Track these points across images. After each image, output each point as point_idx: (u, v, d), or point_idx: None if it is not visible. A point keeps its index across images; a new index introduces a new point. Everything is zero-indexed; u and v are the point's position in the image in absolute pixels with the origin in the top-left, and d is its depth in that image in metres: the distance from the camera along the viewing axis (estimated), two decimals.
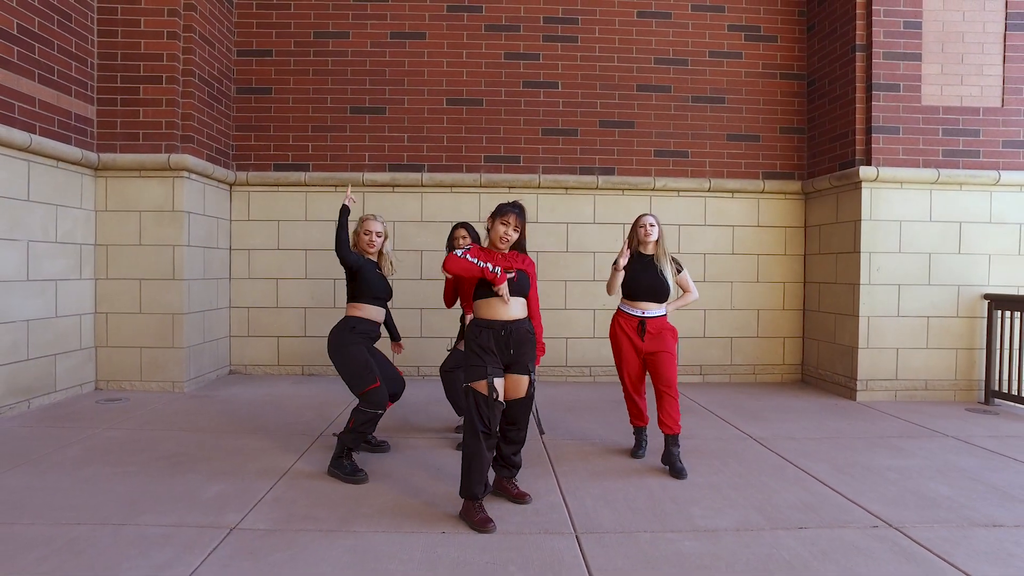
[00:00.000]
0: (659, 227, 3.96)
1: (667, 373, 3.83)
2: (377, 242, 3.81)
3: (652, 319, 3.90)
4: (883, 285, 5.80)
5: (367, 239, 3.78)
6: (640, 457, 3.98)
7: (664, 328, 3.93)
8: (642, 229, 3.94)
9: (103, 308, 5.56)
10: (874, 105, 5.76)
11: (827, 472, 3.73)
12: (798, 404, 5.66)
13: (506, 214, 3.09)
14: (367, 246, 3.78)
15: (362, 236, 3.79)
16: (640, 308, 3.92)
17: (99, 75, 5.46)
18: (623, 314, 3.97)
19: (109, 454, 3.80)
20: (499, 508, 3.09)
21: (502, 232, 3.08)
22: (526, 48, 6.65)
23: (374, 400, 3.52)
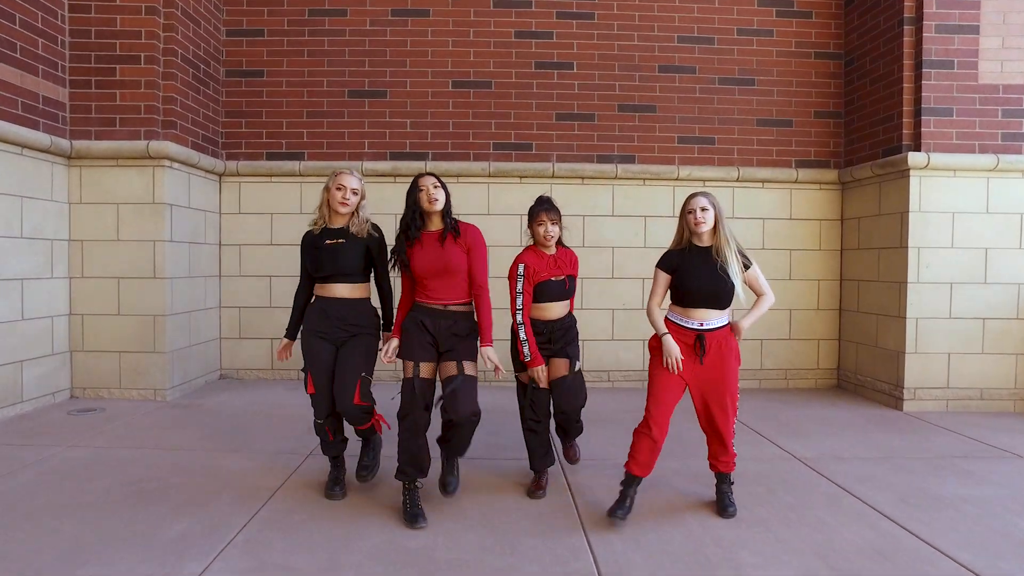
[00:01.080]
0: (715, 210, 2.98)
1: (727, 415, 3.00)
2: (351, 201, 3.10)
3: (712, 331, 2.98)
4: (933, 284, 5.25)
5: (339, 195, 3.07)
6: (620, 518, 2.88)
7: (727, 346, 3.00)
8: (691, 216, 2.96)
9: (79, 309, 5.10)
10: (924, 84, 5.19)
11: (891, 504, 3.20)
12: (839, 415, 5.13)
13: (537, 215, 3.34)
14: (338, 205, 3.08)
15: (333, 192, 3.09)
16: (696, 318, 2.98)
17: (71, 54, 4.98)
18: (673, 325, 3.02)
19: (67, 480, 3.34)
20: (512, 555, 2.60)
21: (542, 233, 3.30)
22: (538, 26, 6.11)
23: (314, 407, 3.13)
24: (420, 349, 2.96)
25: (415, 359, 2.94)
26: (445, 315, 3.00)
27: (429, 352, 2.97)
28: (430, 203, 2.96)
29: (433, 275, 2.96)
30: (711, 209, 2.97)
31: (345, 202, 3.09)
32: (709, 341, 2.98)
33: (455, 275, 2.97)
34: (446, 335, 2.98)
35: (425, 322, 2.99)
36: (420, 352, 2.96)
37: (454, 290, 3.00)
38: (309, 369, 3.09)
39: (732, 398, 3.02)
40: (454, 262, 2.95)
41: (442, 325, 2.98)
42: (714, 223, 2.98)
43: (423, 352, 2.96)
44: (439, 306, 3.00)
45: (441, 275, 2.96)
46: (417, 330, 2.98)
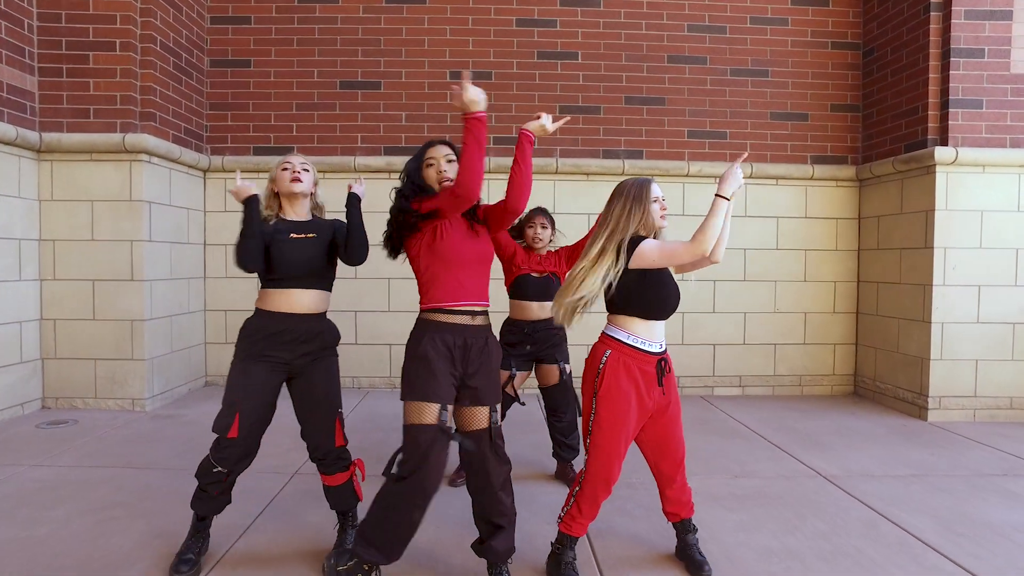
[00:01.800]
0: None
1: (682, 448, 2.50)
2: (306, 176, 2.52)
3: (665, 351, 2.42)
4: (960, 286, 4.95)
5: (288, 174, 2.49)
6: None
7: (670, 369, 2.44)
8: (657, 205, 2.34)
9: (50, 314, 4.77)
10: (952, 75, 4.89)
11: (934, 532, 2.90)
12: (860, 425, 4.82)
13: (531, 217, 3.41)
14: (291, 184, 2.48)
15: (279, 174, 2.50)
16: (659, 338, 2.36)
17: (40, 39, 4.64)
18: (633, 352, 2.31)
19: (24, 505, 3.01)
20: None
21: (531, 235, 3.39)
22: (541, 13, 5.79)
23: (219, 448, 2.38)
24: (446, 384, 2.20)
25: (441, 399, 2.17)
26: (474, 330, 2.27)
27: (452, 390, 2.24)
28: (440, 183, 2.31)
29: (461, 264, 2.26)
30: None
31: (297, 177, 2.48)
32: (665, 362, 2.39)
33: (483, 266, 2.33)
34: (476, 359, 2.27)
35: (448, 342, 2.23)
36: (446, 389, 2.20)
37: (482, 288, 2.33)
38: (238, 406, 2.35)
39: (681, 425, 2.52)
40: (483, 250, 2.34)
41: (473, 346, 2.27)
42: None
43: (448, 390, 2.21)
44: (466, 312, 2.27)
45: (471, 264, 2.28)
46: (438, 356, 2.20)
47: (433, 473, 2.11)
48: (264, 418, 2.44)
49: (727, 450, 4.14)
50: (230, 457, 2.39)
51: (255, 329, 2.44)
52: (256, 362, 2.40)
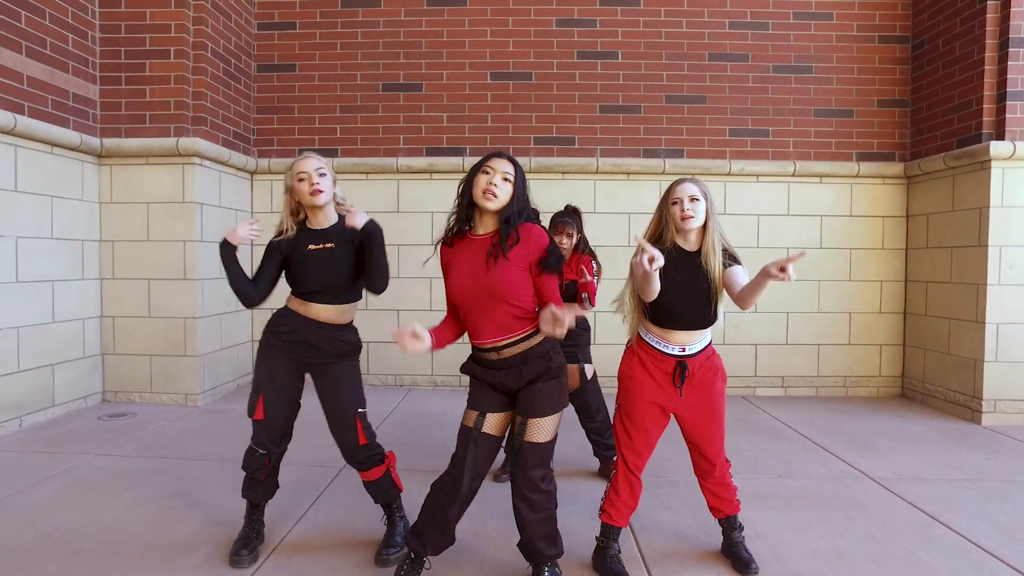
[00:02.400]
0: (707, 201, 2.34)
1: (716, 447, 2.49)
2: (324, 183, 2.41)
3: (694, 356, 2.41)
4: (1017, 285, 4.78)
5: (306, 185, 2.39)
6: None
7: (711, 368, 2.43)
8: (676, 207, 2.32)
9: (109, 311, 4.98)
10: (1010, 66, 4.72)
11: (994, 538, 2.82)
12: (909, 428, 4.71)
13: (555, 226, 3.36)
14: (312, 198, 2.39)
15: (299, 187, 2.40)
16: (677, 342, 2.38)
17: (101, 50, 4.86)
18: (649, 348, 2.41)
19: (89, 493, 3.17)
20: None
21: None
22: (581, 13, 5.80)
23: (254, 431, 2.52)
24: (490, 394, 2.26)
25: (482, 407, 2.25)
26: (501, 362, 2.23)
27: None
28: (485, 194, 2.15)
29: (471, 300, 2.21)
30: (702, 200, 2.33)
31: (318, 189, 2.39)
32: (692, 367, 2.39)
33: (499, 303, 2.18)
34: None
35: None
36: (490, 399, 2.25)
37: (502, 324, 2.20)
38: (262, 390, 2.48)
39: (722, 425, 2.51)
40: (499, 285, 2.16)
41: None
42: (704, 219, 2.35)
43: (493, 400, 2.26)
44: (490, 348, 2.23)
45: (481, 301, 2.19)
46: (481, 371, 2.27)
47: (468, 472, 2.19)
48: (288, 399, 2.53)
49: (771, 450, 4.09)
50: (263, 438, 2.50)
51: (276, 323, 2.53)
52: (276, 351, 2.50)
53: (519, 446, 2.19)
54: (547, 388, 2.19)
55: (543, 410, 2.17)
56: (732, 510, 2.58)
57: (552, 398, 2.20)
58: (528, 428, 2.17)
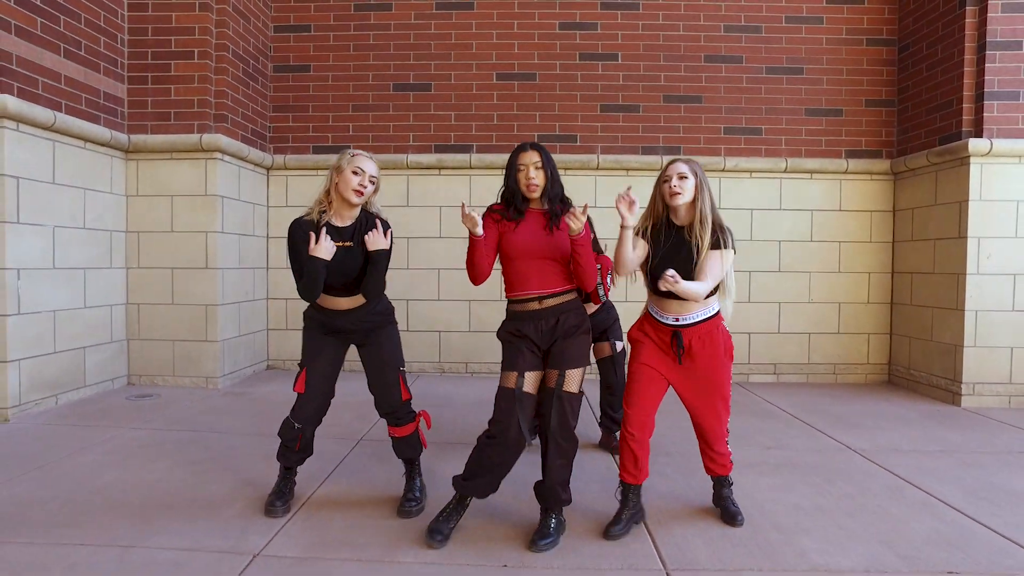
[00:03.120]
0: (697, 179, 2.53)
1: (717, 418, 2.69)
2: (368, 189, 2.63)
3: (690, 327, 2.60)
4: (994, 275, 5.05)
5: (357, 180, 2.59)
6: (616, 537, 2.56)
7: (711, 341, 2.60)
8: (666, 185, 2.54)
9: (134, 299, 5.26)
10: (988, 67, 5.00)
11: (958, 496, 3.09)
12: (893, 409, 4.97)
13: None
14: (353, 194, 2.60)
15: (349, 176, 2.58)
16: (671, 312, 2.60)
17: (129, 51, 5.14)
18: (649, 317, 2.70)
19: (130, 459, 3.44)
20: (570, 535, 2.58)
21: None
22: (583, 17, 6.08)
23: (296, 407, 2.75)
24: (527, 355, 2.56)
25: (519, 368, 2.53)
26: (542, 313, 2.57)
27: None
28: (528, 187, 2.54)
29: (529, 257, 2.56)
30: (691, 177, 2.52)
31: (361, 190, 2.60)
32: (687, 338, 2.59)
33: (552, 262, 2.57)
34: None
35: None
36: (526, 359, 2.55)
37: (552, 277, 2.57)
38: (306, 365, 2.73)
39: (723, 399, 2.68)
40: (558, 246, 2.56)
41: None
42: (694, 196, 2.53)
43: (529, 360, 2.56)
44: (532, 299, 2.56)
45: (537, 259, 2.55)
46: (517, 337, 2.59)
47: (513, 427, 2.47)
48: (329, 377, 2.76)
49: (762, 428, 4.36)
50: (303, 410, 2.72)
51: (311, 314, 2.80)
52: (321, 333, 2.76)
53: (558, 396, 2.48)
54: (579, 342, 2.55)
55: (577, 361, 2.52)
56: (723, 472, 2.82)
57: (583, 351, 2.56)
58: (566, 379, 2.50)
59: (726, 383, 2.67)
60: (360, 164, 2.61)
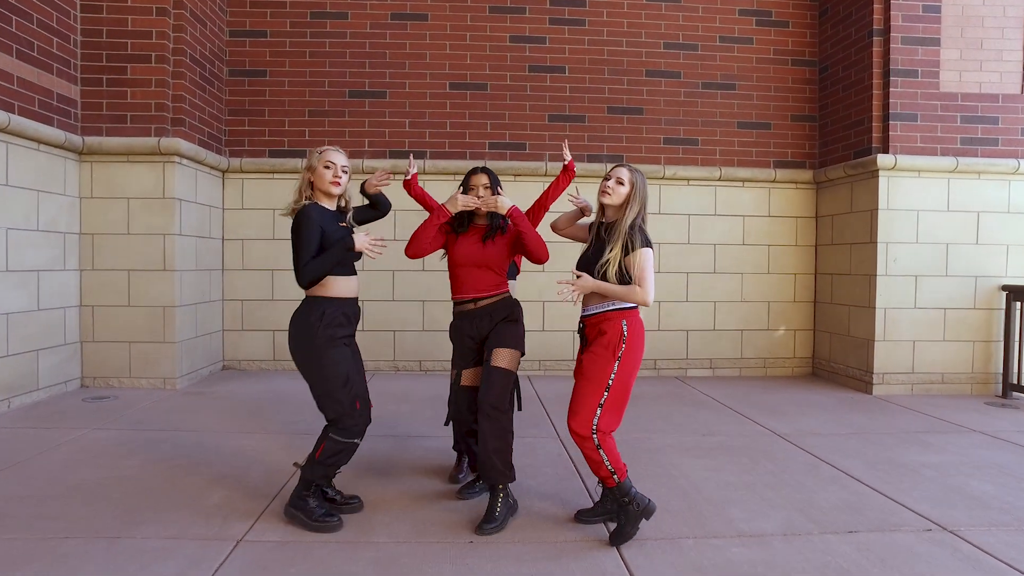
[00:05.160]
0: (634, 188, 2.65)
1: (576, 404, 2.64)
2: (343, 179, 2.76)
3: (591, 317, 2.70)
4: (900, 276, 5.66)
5: (331, 174, 2.71)
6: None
7: (598, 333, 2.65)
8: (606, 181, 2.70)
9: (89, 301, 5.25)
10: (891, 92, 5.60)
11: (862, 470, 3.56)
12: (814, 398, 5.51)
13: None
14: (330, 186, 2.72)
15: (322, 171, 2.72)
16: (583, 304, 2.76)
17: (83, 53, 5.13)
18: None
19: (100, 457, 3.53)
20: (529, 514, 2.88)
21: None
22: (532, 31, 6.40)
23: (349, 426, 2.72)
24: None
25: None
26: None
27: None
28: (478, 210, 2.99)
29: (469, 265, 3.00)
30: (627, 185, 2.66)
31: (337, 181, 2.73)
32: (588, 328, 2.72)
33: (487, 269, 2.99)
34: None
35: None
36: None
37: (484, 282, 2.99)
38: (353, 385, 2.72)
39: (595, 388, 2.59)
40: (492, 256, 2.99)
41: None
42: (624, 201, 2.65)
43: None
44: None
45: (477, 267, 2.99)
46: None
47: (453, 409, 3.14)
48: (364, 381, 2.85)
49: (696, 417, 4.78)
50: (363, 424, 2.76)
51: (335, 316, 2.70)
52: (339, 346, 2.72)
53: (487, 371, 2.84)
54: (508, 328, 2.97)
55: (504, 342, 2.90)
56: (601, 478, 2.66)
57: (511, 335, 2.94)
58: (494, 356, 2.86)
59: (598, 377, 2.60)
60: (330, 158, 2.74)
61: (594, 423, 2.59)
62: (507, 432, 2.82)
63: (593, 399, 2.60)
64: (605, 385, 2.60)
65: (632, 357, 2.62)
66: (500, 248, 2.99)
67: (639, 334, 2.66)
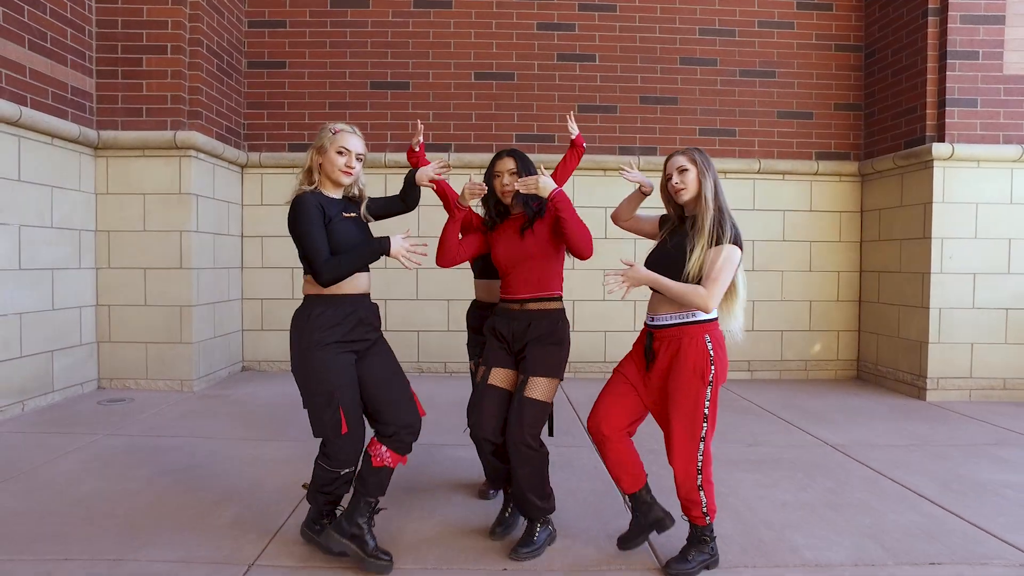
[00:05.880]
0: (698, 168, 2.31)
1: (682, 444, 2.27)
2: (356, 168, 2.38)
3: (664, 329, 2.30)
4: (956, 274, 5.27)
5: (343, 161, 2.33)
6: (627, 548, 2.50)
7: (682, 354, 2.24)
8: (669, 183, 2.37)
9: (105, 300, 5.10)
10: (948, 75, 5.20)
11: (932, 488, 3.22)
12: (864, 404, 5.15)
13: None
14: (340, 175, 2.35)
15: (334, 157, 2.32)
16: (651, 309, 2.37)
17: (98, 44, 4.97)
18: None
19: (109, 467, 3.34)
20: (567, 535, 2.61)
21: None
22: (560, 18, 6.11)
23: (332, 452, 2.32)
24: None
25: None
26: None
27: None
28: (503, 194, 2.60)
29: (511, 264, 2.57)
30: (692, 168, 2.30)
31: (349, 170, 2.36)
32: (659, 342, 2.30)
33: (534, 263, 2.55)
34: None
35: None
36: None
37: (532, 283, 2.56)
38: (339, 400, 2.26)
39: (687, 430, 2.24)
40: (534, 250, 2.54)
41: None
42: (697, 185, 2.30)
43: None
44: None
45: (518, 264, 2.56)
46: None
47: (476, 417, 2.58)
48: (358, 398, 2.35)
49: (740, 424, 4.47)
50: (350, 453, 2.32)
51: (328, 316, 2.29)
52: (338, 351, 2.29)
53: (518, 400, 2.44)
54: (547, 351, 2.51)
55: (540, 369, 2.47)
56: (694, 519, 2.34)
57: (550, 361, 2.50)
58: (528, 384, 2.45)
59: (692, 410, 2.24)
60: (345, 143, 2.34)
61: (698, 463, 2.28)
62: (543, 467, 2.49)
63: (693, 438, 2.25)
64: (702, 417, 2.24)
65: (720, 377, 2.27)
66: (541, 238, 2.53)
67: (723, 349, 2.30)
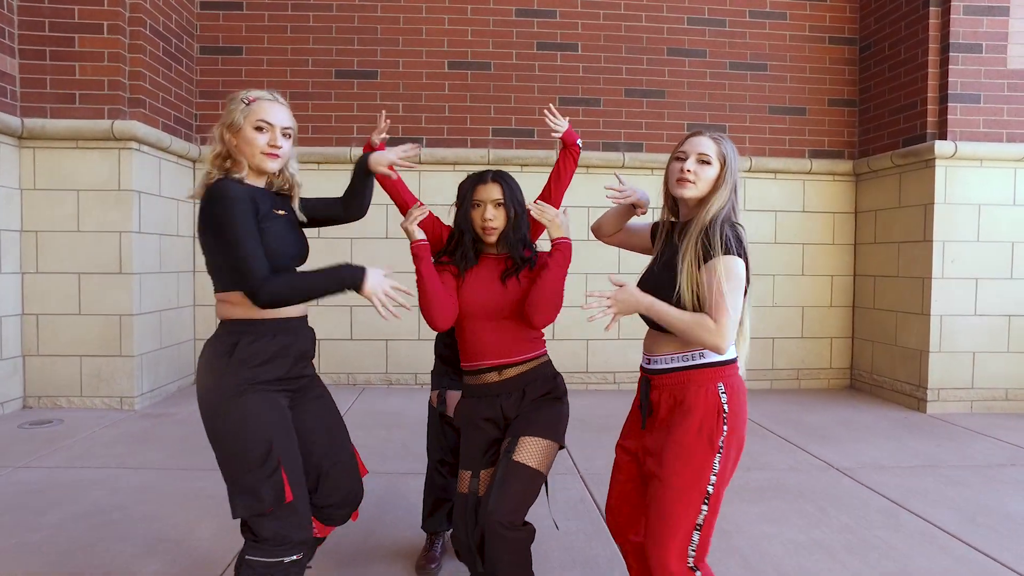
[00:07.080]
0: (723, 171, 1.71)
1: (654, 531, 1.61)
2: (284, 148, 1.75)
3: (663, 375, 1.71)
4: (958, 279, 4.98)
5: (265, 140, 1.70)
6: None
7: (683, 404, 1.64)
8: (677, 163, 1.74)
9: (32, 308, 4.56)
10: (951, 69, 4.91)
11: (956, 523, 2.88)
12: (862, 418, 4.84)
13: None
14: (264, 160, 1.72)
15: (251, 135, 1.69)
16: (645, 348, 1.79)
17: (20, 20, 4.42)
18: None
19: (12, 511, 2.84)
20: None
21: None
22: (540, 4, 5.70)
23: (270, 536, 1.65)
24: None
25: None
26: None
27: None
28: (484, 229, 1.96)
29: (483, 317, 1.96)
30: (715, 164, 1.71)
31: (274, 151, 1.73)
32: (657, 392, 1.72)
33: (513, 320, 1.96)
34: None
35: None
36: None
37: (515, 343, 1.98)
38: (278, 458, 1.65)
39: (686, 502, 1.59)
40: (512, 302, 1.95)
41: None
42: (711, 188, 1.71)
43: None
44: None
45: (495, 319, 1.95)
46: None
47: (463, 538, 1.94)
48: (301, 464, 1.75)
49: None
50: (297, 528, 1.68)
51: (259, 349, 1.69)
52: (269, 394, 1.70)
53: (504, 465, 1.84)
54: (546, 412, 1.95)
55: (537, 430, 1.89)
56: None
57: (549, 421, 1.93)
58: (518, 446, 1.85)
59: (691, 485, 1.60)
60: (264, 115, 1.70)
61: (691, 552, 1.61)
62: (527, 549, 1.85)
63: (687, 519, 1.59)
64: (703, 494, 1.59)
65: (736, 443, 1.64)
66: (527, 290, 1.92)
67: (742, 404, 1.66)
